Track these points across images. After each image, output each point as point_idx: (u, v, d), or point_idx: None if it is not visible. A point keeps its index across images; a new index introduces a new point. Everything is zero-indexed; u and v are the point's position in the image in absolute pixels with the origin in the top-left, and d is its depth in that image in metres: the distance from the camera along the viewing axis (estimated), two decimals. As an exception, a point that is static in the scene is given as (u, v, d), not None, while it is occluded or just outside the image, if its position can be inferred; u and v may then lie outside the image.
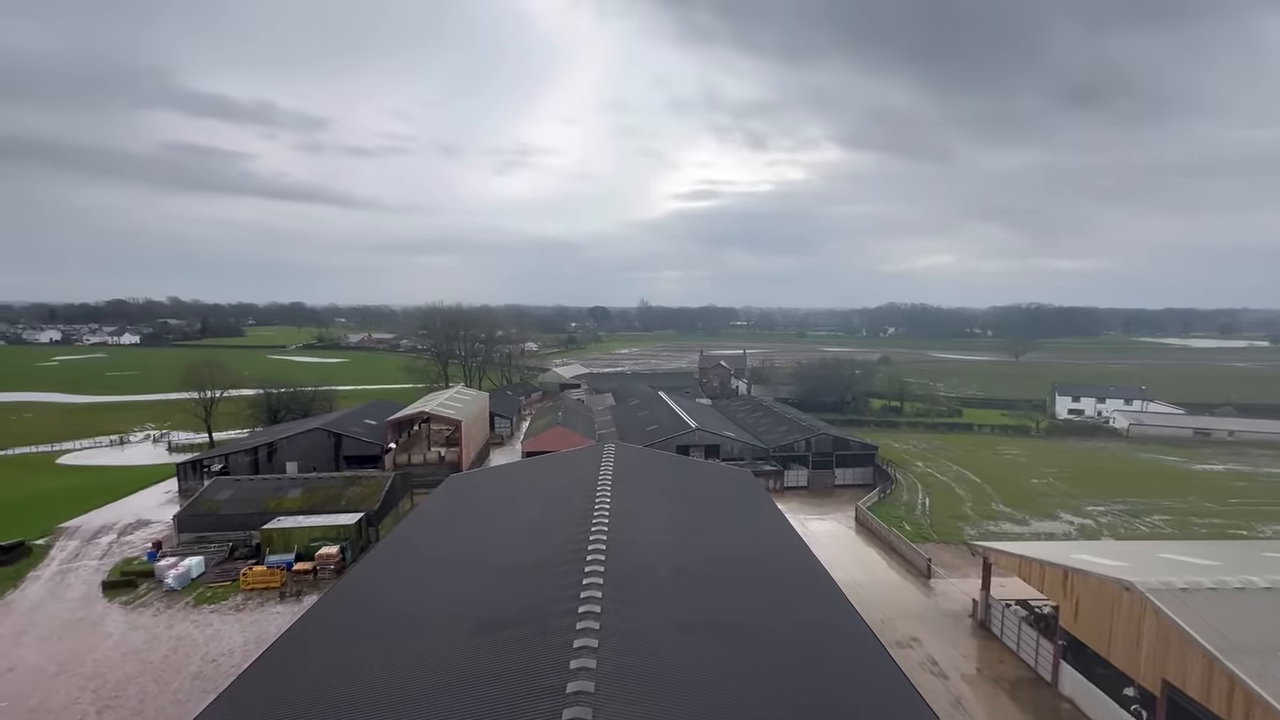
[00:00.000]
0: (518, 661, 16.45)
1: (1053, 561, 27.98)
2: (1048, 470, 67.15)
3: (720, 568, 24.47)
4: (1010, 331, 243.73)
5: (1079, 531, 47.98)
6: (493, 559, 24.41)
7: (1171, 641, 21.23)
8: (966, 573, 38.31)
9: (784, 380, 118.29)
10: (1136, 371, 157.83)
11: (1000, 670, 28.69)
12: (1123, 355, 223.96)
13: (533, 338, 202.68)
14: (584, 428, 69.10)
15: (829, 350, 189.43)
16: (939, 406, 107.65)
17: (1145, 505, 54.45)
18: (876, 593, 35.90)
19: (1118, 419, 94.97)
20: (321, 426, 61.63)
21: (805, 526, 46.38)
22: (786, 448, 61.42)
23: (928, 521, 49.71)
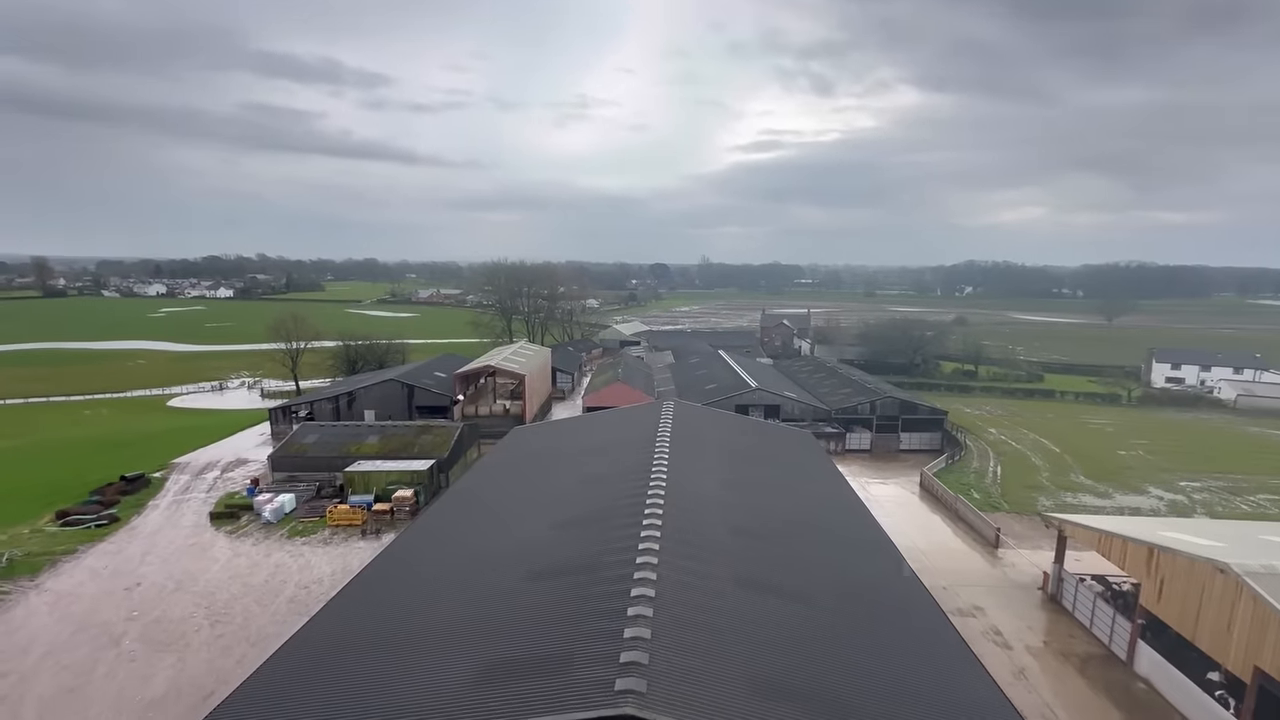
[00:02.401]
0: (577, 606, 17.18)
1: (1137, 537, 26.34)
2: (1138, 442, 62.70)
3: (777, 527, 24.47)
4: (1104, 292, 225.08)
5: (1169, 508, 44.87)
6: (554, 509, 25.35)
7: (1270, 627, 19.74)
8: (1038, 545, 36.77)
9: (849, 341, 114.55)
10: (1251, 337, 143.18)
11: (1070, 645, 27.66)
12: (1236, 319, 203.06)
13: (593, 294, 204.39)
14: (643, 384, 69.74)
15: (899, 310, 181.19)
16: (1017, 371, 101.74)
17: (1249, 483, 50.15)
18: (939, 560, 35.08)
19: (1224, 389, 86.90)
20: (395, 378, 65.03)
21: (866, 490, 45.55)
22: (849, 410, 59.91)
23: (998, 490, 47.75)
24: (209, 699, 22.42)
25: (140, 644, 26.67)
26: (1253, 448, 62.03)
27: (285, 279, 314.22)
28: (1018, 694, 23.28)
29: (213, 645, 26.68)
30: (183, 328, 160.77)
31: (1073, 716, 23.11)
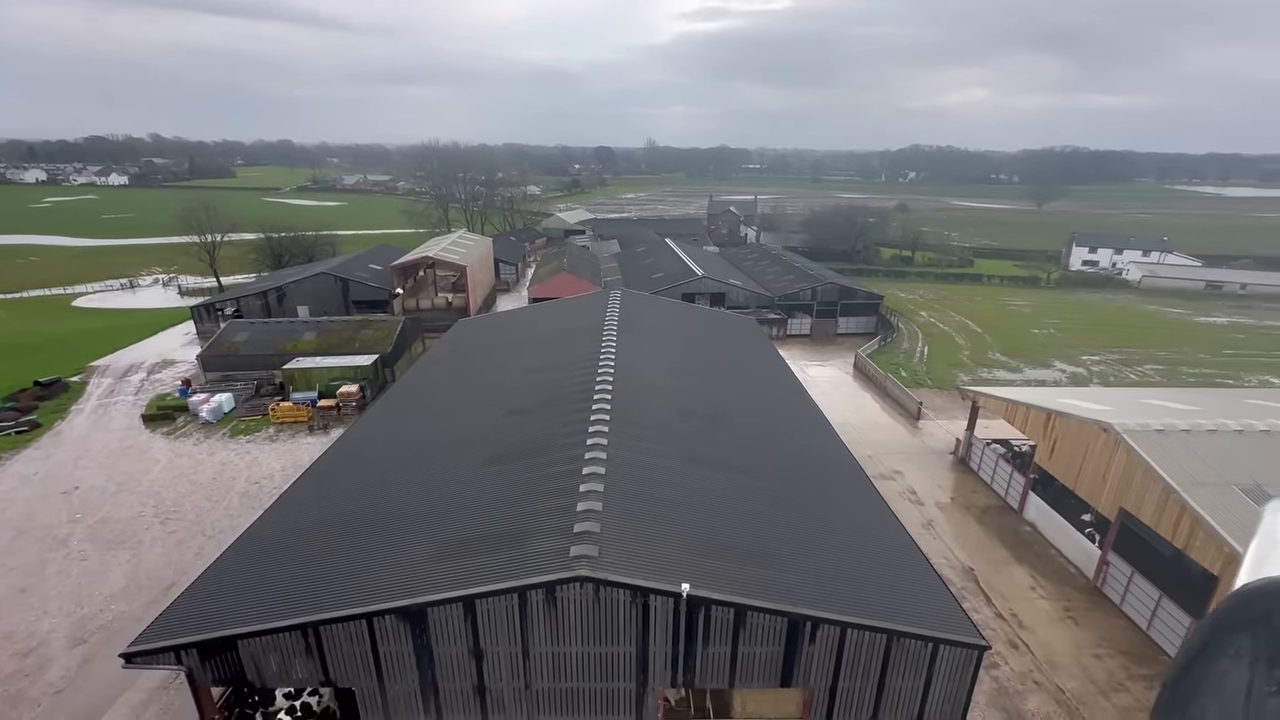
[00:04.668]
0: (532, 486, 18.05)
1: (1038, 405, 29.31)
2: (1050, 321, 67.69)
3: (722, 408, 25.82)
4: (1038, 178, 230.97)
5: (1069, 379, 49.59)
6: (505, 398, 25.73)
7: (1136, 475, 22.92)
8: (955, 416, 40.32)
9: (794, 228, 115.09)
10: (1163, 221, 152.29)
11: (972, 499, 31.43)
12: (1153, 203, 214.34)
13: (534, 181, 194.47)
14: (590, 274, 68.92)
15: (844, 196, 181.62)
16: (950, 257, 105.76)
17: (1140, 355, 55.63)
18: (867, 433, 38.15)
19: (1131, 271, 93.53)
20: (328, 271, 61.69)
21: (805, 372, 48.02)
22: (792, 296, 61.56)
23: (924, 369, 51.29)
24: (171, 589, 22.95)
25: (89, 544, 26.58)
26: (1149, 324, 68.19)
27: (188, 163, 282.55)
28: (925, 541, 26.60)
29: (166, 540, 26.88)
30: (76, 220, 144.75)
31: (967, 554, 26.84)
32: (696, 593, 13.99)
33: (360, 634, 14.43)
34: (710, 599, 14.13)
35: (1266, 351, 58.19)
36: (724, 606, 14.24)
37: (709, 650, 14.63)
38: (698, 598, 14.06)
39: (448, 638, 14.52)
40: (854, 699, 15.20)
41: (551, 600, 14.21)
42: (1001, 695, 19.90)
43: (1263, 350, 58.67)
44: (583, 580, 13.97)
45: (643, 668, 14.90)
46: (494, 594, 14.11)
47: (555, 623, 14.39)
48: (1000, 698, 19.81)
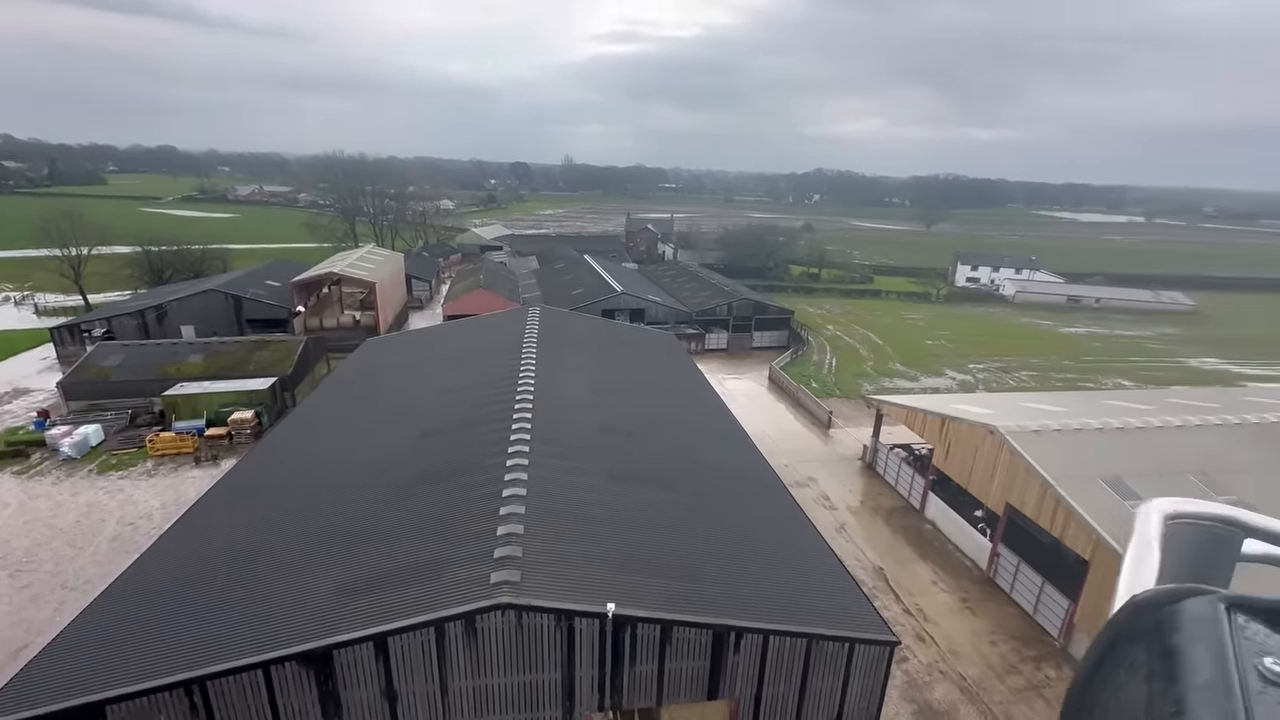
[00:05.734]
0: (449, 511, 17.29)
1: (934, 411, 31.63)
2: (941, 333, 73.51)
3: (643, 423, 25.95)
4: (925, 202, 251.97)
5: (959, 386, 53.95)
6: (418, 419, 24.59)
7: (1018, 472, 25.16)
8: (862, 423, 42.69)
9: (710, 246, 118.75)
10: (1030, 243, 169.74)
11: (880, 501, 33.30)
12: (1022, 226, 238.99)
13: (448, 195, 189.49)
14: (507, 291, 67.72)
15: (755, 216, 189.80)
16: (853, 274, 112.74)
17: (1016, 363, 61.48)
18: (783, 442, 39.60)
19: (1007, 286, 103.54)
20: (218, 288, 56.85)
21: (723, 385, 49.33)
22: (709, 312, 63.28)
23: (833, 379, 54.11)
24: (22, 652, 19.99)
25: (-86, 607, 22.71)
26: (1023, 334, 75.62)
27: (48, 168, 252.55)
28: (839, 544, 27.83)
29: (16, 596, 23.44)
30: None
31: (877, 554, 28.35)
32: (622, 612, 13.85)
33: (256, 686, 13.14)
34: (636, 617, 14.04)
35: (1118, 358, 66.03)
36: (649, 624, 14.18)
37: (636, 669, 14.49)
38: (623, 617, 13.92)
39: (357, 681, 13.53)
40: (778, 705, 15.53)
41: (471, 631, 13.59)
42: (911, 687, 21.02)
43: (1115, 356, 66.53)
44: (504, 607, 13.48)
45: (569, 694, 14.53)
46: (408, 629, 13.32)
47: (475, 655, 13.77)
48: (910, 690, 20.92)
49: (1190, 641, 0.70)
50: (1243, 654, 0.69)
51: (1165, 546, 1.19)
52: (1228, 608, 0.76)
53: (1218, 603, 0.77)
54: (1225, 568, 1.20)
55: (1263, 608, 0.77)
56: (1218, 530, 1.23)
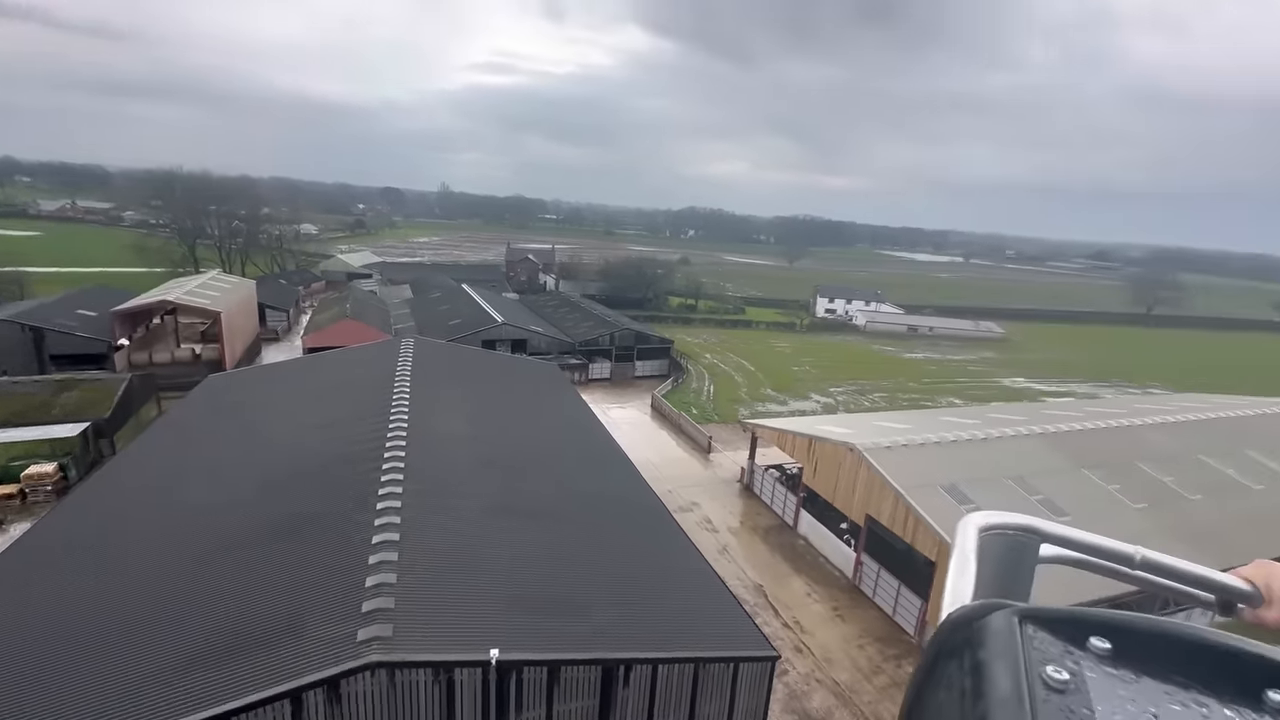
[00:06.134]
0: (310, 563, 15.61)
1: (801, 431, 34.01)
2: (806, 360, 79.66)
3: (526, 456, 25.29)
4: (788, 240, 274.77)
5: (823, 408, 58.55)
6: (273, 463, 22.14)
7: (875, 486, 27.64)
8: (739, 446, 44.78)
9: (591, 277, 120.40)
10: (876, 278, 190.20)
11: (758, 521, 34.94)
12: (869, 264, 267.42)
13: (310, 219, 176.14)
14: (378, 321, 63.70)
15: (635, 249, 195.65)
16: (727, 305, 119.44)
17: (870, 385, 68.04)
18: (666, 469, 40.43)
19: (858, 317, 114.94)
20: (13, 318, 47.93)
21: (607, 414, 49.59)
22: (592, 342, 63.72)
23: (711, 405, 56.44)
24: None
25: None
26: (873, 360, 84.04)
27: None
28: (722, 565, 28.69)
29: None
30: None
31: (757, 572, 29.61)
32: (507, 656, 13.21)
33: (51, 799, 10.82)
34: (521, 661, 13.44)
35: (949, 379, 75.35)
36: (536, 665, 13.64)
37: (523, 717, 13.81)
38: (508, 662, 13.27)
39: (191, 774, 11.60)
40: (668, 734, 15.49)
41: (335, 698, 12.24)
42: (792, 698, 21.96)
43: (948, 378, 75.86)
44: (374, 667, 12.32)
45: (449, 753, 13.49)
46: (258, 705, 11.72)
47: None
48: (791, 701, 21.85)
49: (993, 656, 0.75)
50: (1031, 664, 0.74)
51: (981, 557, 1.29)
52: (1020, 620, 0.81)
53: (1013, 616, 0.81)
54: (1028, 571, 1.32)
55: (1047, 618, 0.82)
56: (1020, 538, 1.34)
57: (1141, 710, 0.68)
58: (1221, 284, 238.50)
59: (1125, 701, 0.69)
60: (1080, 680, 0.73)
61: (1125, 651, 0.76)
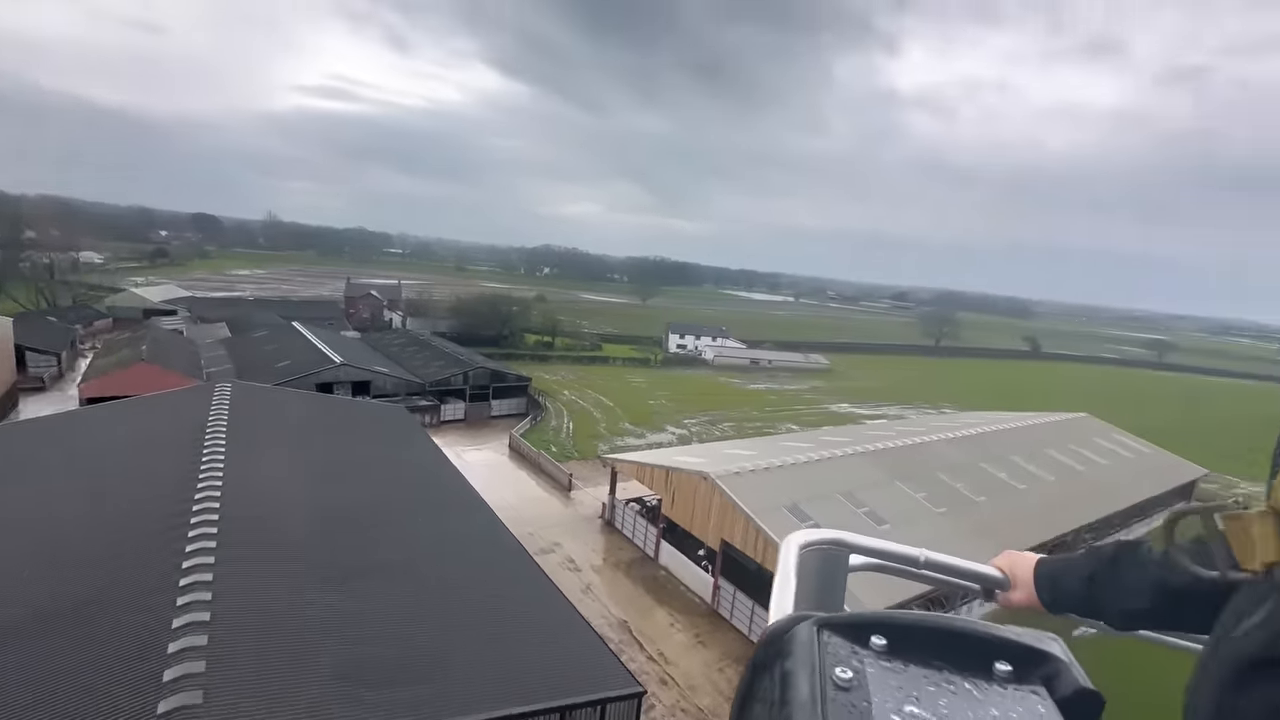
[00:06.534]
0: (88, 662, 12.77)
1: (659, 463, 35.04)
2: (661, 394, 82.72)
3: (367, 509, 23.13)
4: (640, 279, 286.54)
5: (678, 439, 60.94)
6: (41, 541, 17.95)
7: (728, 511, 29.17)
8: (599, 482, 44.88)
9: (442, 314, 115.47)
10: (721, 315, 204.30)
11: (620, 556, 35.04)
12: (714, 302, 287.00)
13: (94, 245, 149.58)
14: (183, 364, 55.19)
15: (489, 285, 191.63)
16: (584, 342, 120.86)
17: (720, 416, 72.28)
18: (526, 510, 39.25)
19: (707, 352, 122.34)
20: None
21: (462, 458, 47.18)
22: (444, 382, 60.72)
23: (570, 442, 56.17)
24: None
25: None
26: (722, 392, 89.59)
27: None
28: (586, 604, 28.26)
29: None
30: None
31: (621, 608, 29.55)
32: (348, 737, 11.78)
33: None
34: (366, 739, 12.05)
35: (787, 407, 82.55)
36: (384, 742, 12.30)
37: (368, 805, 12.32)
38: (350, 743, 11.84)
39: None
40: (534, 793, 14.69)
41: (120, 826, 10.01)
42: (659, 733, 21.98)
43: (786, 407, 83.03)
44: (176, 777, 10.30)
45: None
46: None
47: None
48: (658, 736, 21.85)
49: (796, 665, 0.80)
50: (825, 668, 0.80)
51: (801, 572, 1.42)
52: (818, 628, 0.88)
53: (813, 626, 0.88)
54: (841, 580, 1.51)
55: (839, 623, 0.90)
56: (833, 551, 1.51)
57: (907, 695, 0.79)
58: (986, 320, 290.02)
59: (895, 689, 0.79)
60: (862, 676, 0.81)
61: (897, 646, 0.86)
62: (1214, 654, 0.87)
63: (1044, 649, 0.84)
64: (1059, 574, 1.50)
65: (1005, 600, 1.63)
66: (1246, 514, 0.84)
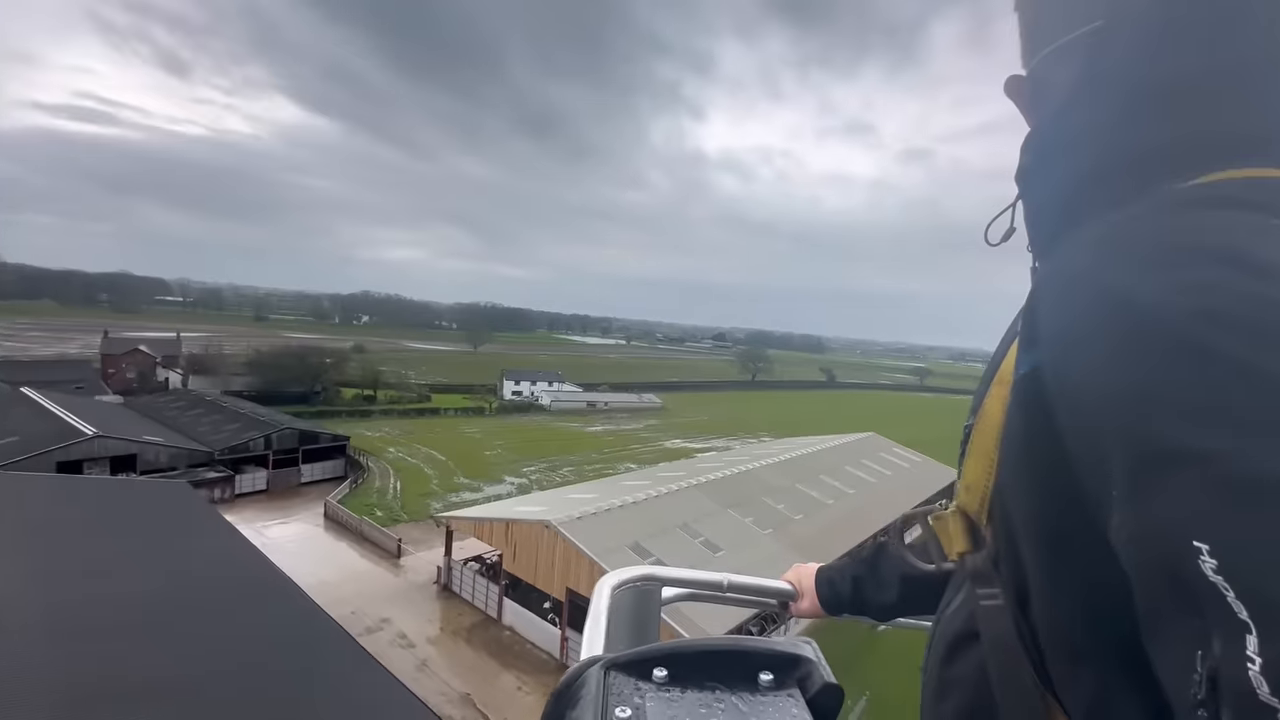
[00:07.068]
0: None
1: (497, 516, 33.65)
2: (498, 443, 79.98)
3: (126, 616, 18.90)
4: (470, 325, 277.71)
5: (518, 489, 59.10)
6: None
7: (571, 557, 28.80)
8: (434, 545, 41.67)
9: (238, 370, 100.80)
10: (556, 360, 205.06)
11: (459, 623, 32.59)
12: (548, 347, 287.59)
13: None
14: None
15: (297, 336, 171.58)
16: (411, 393, 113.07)
17: (560, 461, 71.72)
18: (347, 587, 35.02)
19: (544, 397, 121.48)
20: None
21: (265, 535, 40.93)
22: (240, 448, 52.56)
23: (399, 504, 51.64)
24: None
25: None
26: (561, 437, 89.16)
27: None
28: (423, 684, 25.70)
29: None
30: None
31: (462, 680, 27.35)
32: None
33: None
34: None
35: (625, 447, 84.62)
36: None
37: None
38: None
39: None
40: None
41: None
42: (509, 811, 20.45)
43: (623, 446, 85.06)
44: None
45: None
46: None
47: None
48: (509, 814, 20.32)
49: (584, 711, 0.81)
50: (608, 708, 0.81)
51: (615, 612, 1.45)
52: (605, 669, 0.89)
53: (601, 668, 0.89)
54: (655, 614, 1.56)
55: (625, 661, 0.92)
56: (646, 586, 1.58)
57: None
58: (790, 355, 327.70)
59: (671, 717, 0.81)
60: (641, 712, 0.82)
61: (676, 674, 0.88)
62: (933, 633, 1.03)
63: (798, 653, 0.88)
64: (833, 580, 1.67)
65: (796, 610, 1.76)
66: (946, 514, 0.98)
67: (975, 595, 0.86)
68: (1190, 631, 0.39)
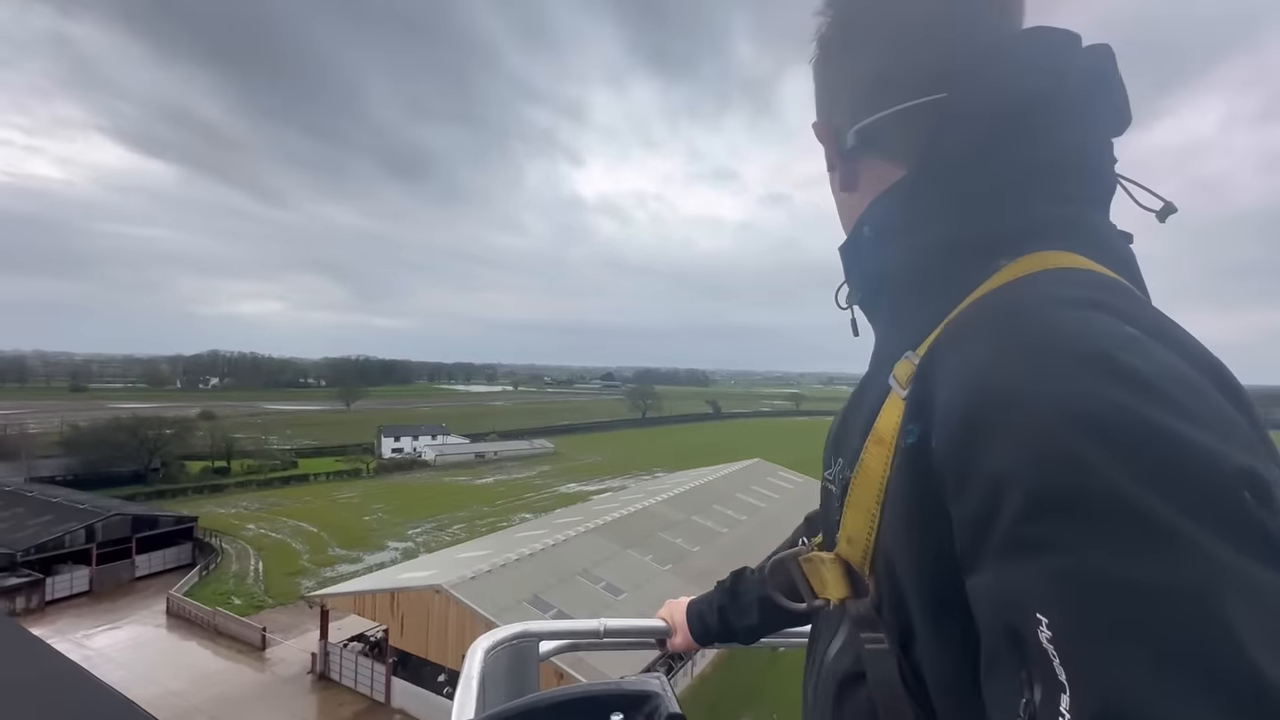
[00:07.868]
0: None
1: (380, 588, 30.95)
2: (377, 506, 74.05)
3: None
4: (341, 381, 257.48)
5: (404, 555, 54.80)
6: None
7: (466, 621, 27.07)
8: (307, 629, 37.34)
9: (48, 452, 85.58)
10: (439, 412, 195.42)
11: (339, 714, 29.24)
12: (430, 399, 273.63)
13: None
14: None
15: (126, 407, 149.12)
16: (273, 461, 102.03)
17: (448, 519, 67.74)
18: (199, 694, 30.28)
19: (427, 452, 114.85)
20: None
21: (88, 645, 34.52)
22: (51, 545, 44.26)
23: (261, 588, 45.87)
24: None
25: None
26: (448, 492, 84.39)
27: None
28: (297, 794, 22.59)
29: None
30: None
31: (348, 781, 24.37)
32: None
33: None
34: None
35: (518, 496, 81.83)
36: None
37: None
38: None
39: None
40: None
41: None
42: None
43: (516, 496, 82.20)
44: None
45: None
46: None
47: None
48: None
49: None
50: None
51: (491, 672, 1.45)
52: None
53: None
54: (533, 670, 1.57)
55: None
56: (521, 644, 1.57)
57: None
58: (677, 390, 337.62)
59: None
60: None
61: None
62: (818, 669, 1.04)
63: (646, 690, 0.92)
64: (702, 612, 1.72)
65: (672, 645, 1.79)
66: (818, 557, 1.01)
67: (860, 639, 0.88)
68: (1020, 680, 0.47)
